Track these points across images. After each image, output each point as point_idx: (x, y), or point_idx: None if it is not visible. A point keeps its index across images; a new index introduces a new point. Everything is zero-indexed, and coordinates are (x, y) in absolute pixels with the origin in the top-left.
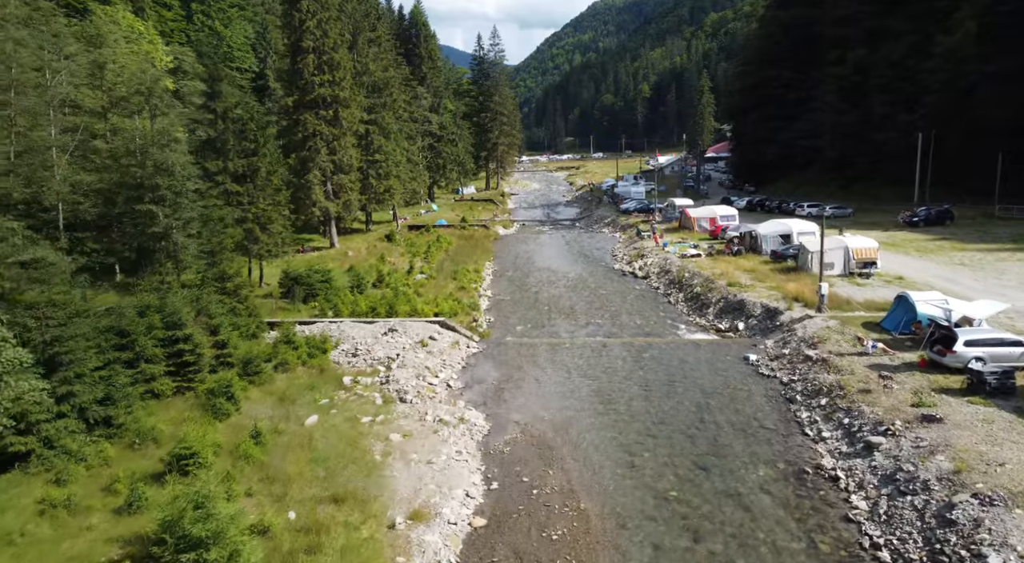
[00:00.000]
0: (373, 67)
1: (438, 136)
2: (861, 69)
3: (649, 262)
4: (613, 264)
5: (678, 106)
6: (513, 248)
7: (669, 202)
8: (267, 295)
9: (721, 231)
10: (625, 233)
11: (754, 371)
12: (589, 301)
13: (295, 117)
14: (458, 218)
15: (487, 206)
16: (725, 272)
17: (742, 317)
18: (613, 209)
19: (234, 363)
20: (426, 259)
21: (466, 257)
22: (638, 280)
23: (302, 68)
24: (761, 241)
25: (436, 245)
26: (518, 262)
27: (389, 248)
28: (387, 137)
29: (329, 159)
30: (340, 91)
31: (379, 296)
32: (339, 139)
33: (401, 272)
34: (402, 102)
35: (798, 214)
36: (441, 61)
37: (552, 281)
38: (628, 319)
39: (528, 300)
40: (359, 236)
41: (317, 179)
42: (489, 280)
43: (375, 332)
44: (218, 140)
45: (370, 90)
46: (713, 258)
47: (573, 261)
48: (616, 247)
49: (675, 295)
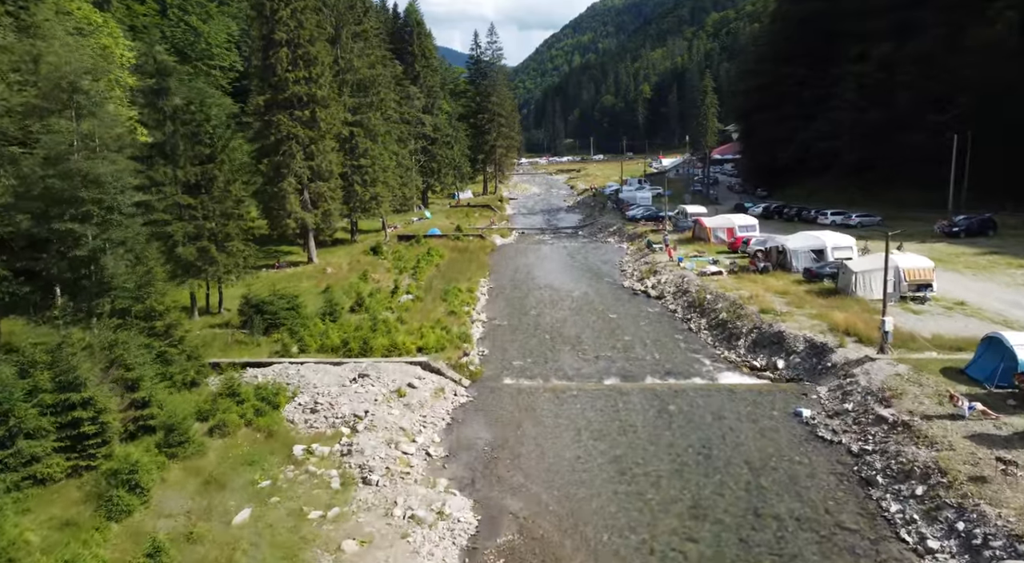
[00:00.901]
0: (358, 63)
1: (432, 138)
2: (885, 65)
3: (663, 279)
4: (622, 280)
5: (680, 107)
6: (511, 261)
7: (680, 209)
8: (225, 324)
9: (742, 244)
10: (633, 244)
11: (811, 433)
12: (598, 327)
13: (267, 118)
14: (452, 226)
15: (484, 212)
16: (755, 295)
17: (781, 353)
18: (618, 216)
19: (157, 426)
20: (414, 276)
21: (459, 273)
22: (651, 300)
23: (275, 63)
24: (791, 257)
25: (426, 259)
26: (517, 278)
27: (374, 263)
28: (374, 140)
29: (306, 165)
30: (317, 89)
31: (355, 325)
32: (317, 142)
33: (385, 292)
34: (392, 102)
35: (820, 222)
36: (437, 60)
37: (555, 301)
38: (644, 352)
39: (528, 326)
40: (343, 248)
41: (292, 187)
42: (484, 301)
43: (343, 377)
44: (167, 144)
45: (355, 89)
46: (737, 277)
47: (577, 277)
48: (624, 260)
49: (696, 321)
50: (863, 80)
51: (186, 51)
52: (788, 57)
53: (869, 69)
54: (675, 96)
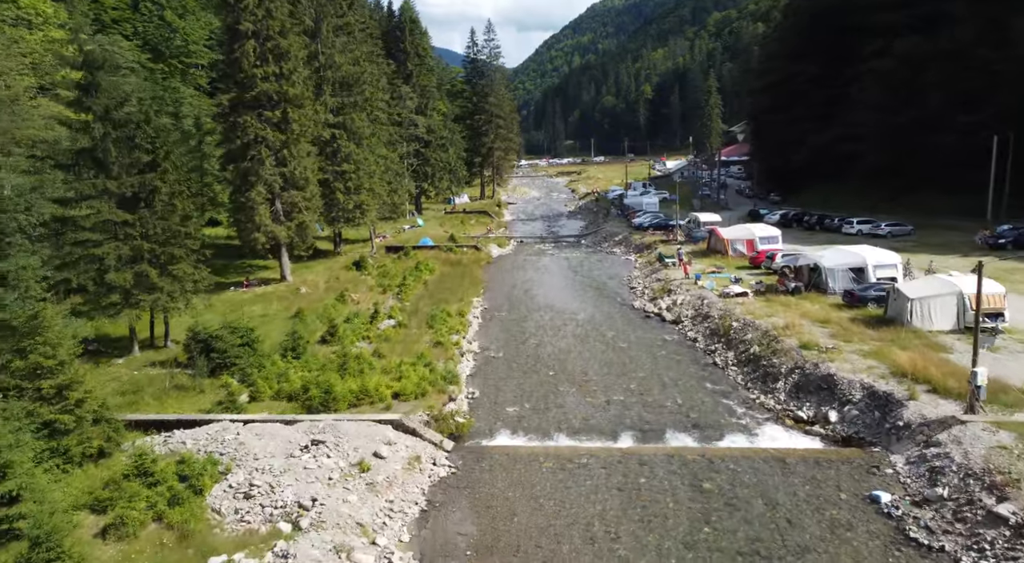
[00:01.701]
0: (340, 59)
1: (425, 141)
2: (911, 61)
3: (680, 300)
4: (632, 300)
5: (682, 108)
6: (509, 275)
7: (692, 217)
8: (169, 361)
9: (765, 258)
10: (642, 256)
11: (897, 531)
12: (607, 360)
13: (233, 119)
14: (446, 235)
15: (480, 219)
16: (790, 324)
17: (833, 403)
18: (623, 223)
19: (25, 533)
20: (399, 295)
21: (450, 291)
22: (667, 325)
23: (240, 57)
24: (826, 276)
25: (414, 275)
26: (514, 296)
27: (356, 280)
28: (358, 143)
29: (277, 171)
30: (290, 86)
31: (321, 362)
32: (290, 146)
33: (364, 316)
34: (380, 102)
35: (846, 232)
36: (434, 60)
37: (557, 327)
38: (664, 394)
39: (526, 358)
40: (323, 262)
41: (262, 197)
42: (476, 326)
43: (293, 443)
44: (97, 149)
45: (337, 87)
46: (765, 299)
47: (582, 295)
48: (633, 275)
49: (722, 354)
50: (886, 77)
51: (160, 48)
52: (800, 54)
53: (893, 65)
54: (677, 97)
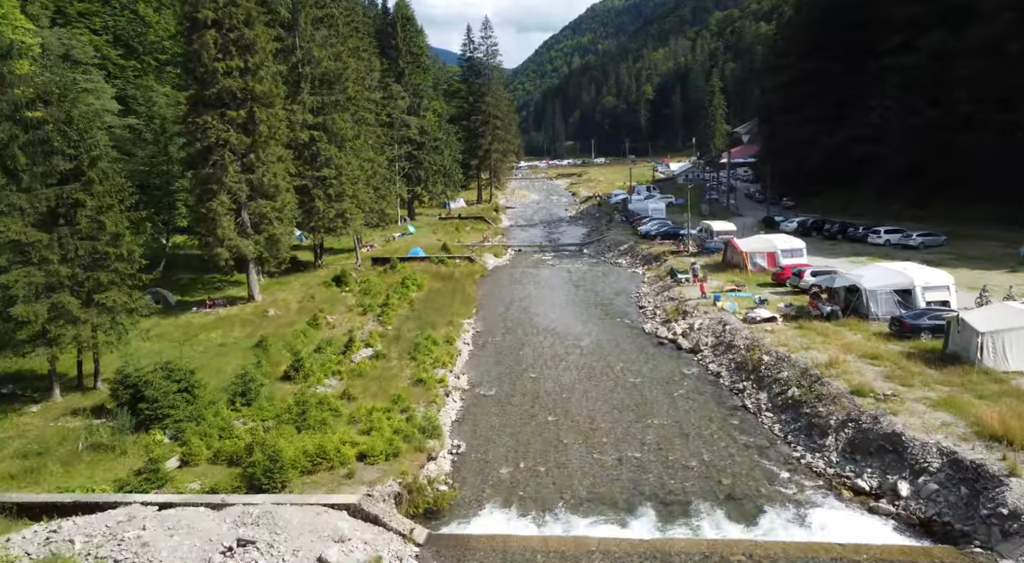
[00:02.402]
0: (320, 54)
1: (418, 143)
2: (939, 57)
3: (697, 324)
4: (642, 322)
5: (684, 108)
6: (505, 291)
7: (704, 226)
8: (94, 408)
9: (792, 276)
10: (651, 269)
11: None
12: (617, 400)
13: (192, 120)
14: (439, 244)
15: (476, 226)
16: (833, 359)
17: (903, 471)
18: (628, 231)
19: None
20: (381, 317)
21: (439, 311)
22: (683, 355)
23: (199, 50)
24: (866, 299)
25: (401, 291)
26: (510, 317)
27: (334, 298)
28: (340, 146)
29: (243, 178)
30: (256, 83)
31: (278, 411)
32: (257, 150)
33: (338, 345)
34: (367, 102)
35: (872, 242)
36: (430, 59)
37: (558, 355)
38: (687, 450)
39: (522, 398)
40: (300, 277)
41: (225, 207)
42: (466, 354)
43: (215, 543)
44: (5, 155)
45: (317, 85)
46: (798, 326)
47: (586, 315)
48: (642, 292)
49: (752, 394)
50: (910, 74)
51: (132, 44)
52: (812, 51)
53: (918, 61)
54: (679, 97)
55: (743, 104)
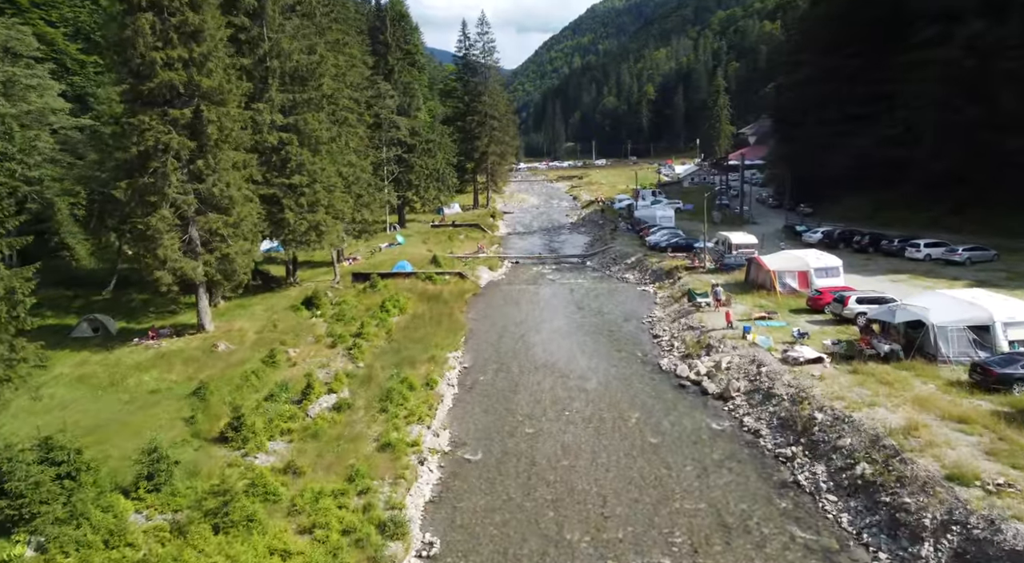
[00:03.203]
0: (289, 46)
1: (409, 145)
2: (978, 50)
3: (725, 363)
4: (658, 356)
5: (686, 109)
6: (499, 313)
7: (720, 238)
8: None
9: (833, 302)
10: (663, 287)
11: None
12: (634, 476)
13: (126, 120)
14: (428, 256)
15: (471, 234)
16: (911, 424)
17: None
18: (635, 241)
19: None
20: (353, 351)
21: (421, 341)
22: (710, 402)
23: (134, 36)
24: (934, 336)
25: (379, 316)
26: (503, 349)
27: (300, 325)
28: (314, 150)
29: (191, 188)
30: (204, 77)
31: (196, 498)
32: (208, 155)
33: (296, 390)
34: (348, 101)
35: (910, 256)
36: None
37: (559, 402)
38: (731, 557)
39: (515, 467)
40: (266, 299)
41: (167, 223)
42: (449, 400)
43: None
44: None
45: (287, 81)
46: (851, 369)
47: (592, 345)
48: (655, 316)
49: (806, 465)
50: (947, 70)
51: (95, 38)
52: (834, 45)
53: (955, 55)
54: (681, 97)
55: (747, 104)
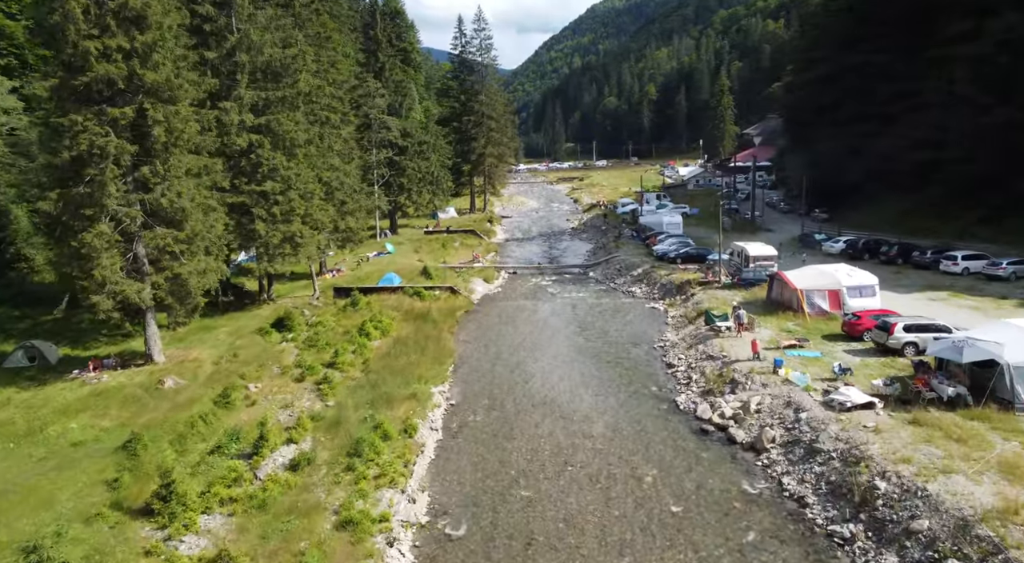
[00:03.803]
0: (261, 38)
1: (400, 147)
2: (1012, 45)
3: (754, 405)
4: (673, 391)
5: (688, 109)
6: (492, 335)
7: (736, 249)
8: None
9: (876, 329)
10: (674, 305)
11: None
12: (655, 557)
13: (55, 120)
14: (419, 266)
15: (466, 241)
16: (1009, 505)
17: None
18: (641, 249)
19: None
20: (323, 386)
21: (403, 373)
22: (739, 453)
23: (64, 22)
24: (1011, 379)
25: (358, 340)
26: (496, 381)
27: (267, 353)
28: (289, 153)
29: (135, 199)
30: (149, 71)
31: None
32: (155, 162)
33: (247, 440)
34: (331, 98)
35: (946, 269)
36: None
37: (561, 453)
38: None
39: (506, 547)
40: (234, 320)
41: (106, 239)
42: (431, 450)
43: None
44: None
45: (259, 77)
46: (911, 418)
47: (597, 376)
48: (668, 339)
49: (869, 551)
50: (979, 66)
51: None
52: (853, 41)
53: (987, 50)
54: (683, 97)
55: (750, 104)
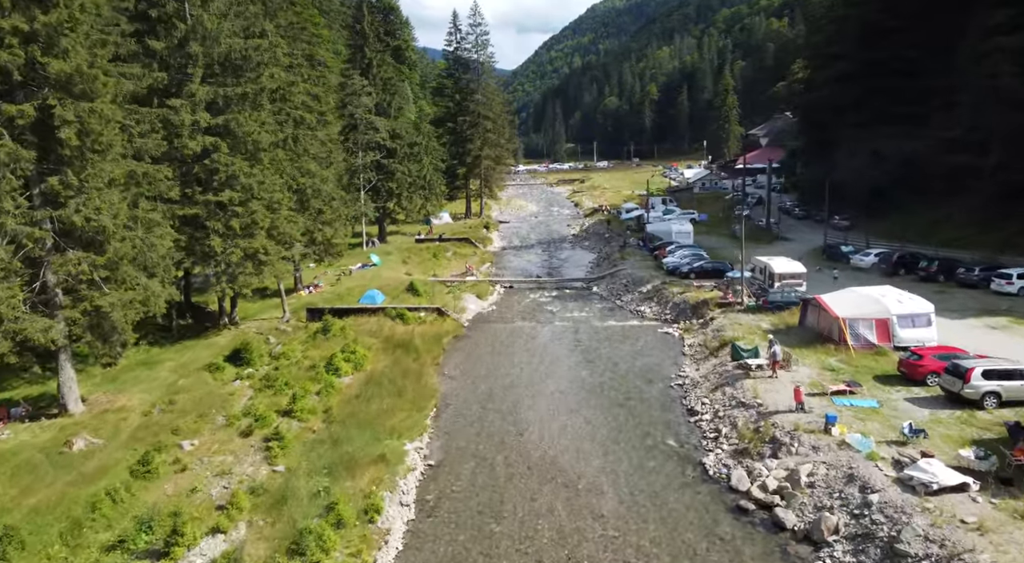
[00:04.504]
0: (217, 27)
1: (389, 149)
2: None
3: (803, 475)
4: (697, 446)
5: (690, 109)
6: (483, 371)
7: (759, 265)
8: None
9: (946, 372)
10: (691, 331)
11: None
12: None
13: None
14: (407, 280)
15: (460, 250)
16: None
17: None
18: (648, 261)
19: None
20: (272, 443)
21: (372, 424)
22: (791, 545)
23: None
24: None
25: (325, 379)
26: (485, 432)
27: (213, 397)
28: (251, 158)
29: (41, 216)
30: (55, 58)
31: None
32: (68, 170)
33: (161, 530)
34: (306, 96)
35: (998, 289)
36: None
37: (562, 539)
38: None
39: None
40: (183, 351)
41: (1, 265)
42: (400, 537)
43: None
44: None
45: (215, 71)
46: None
47: (606, 426)
48: (687, 375)
49: None
50: (1020, 61)
51: None
52: (882, 34)
53: None
54: (685, 97)
55: (754, 104)
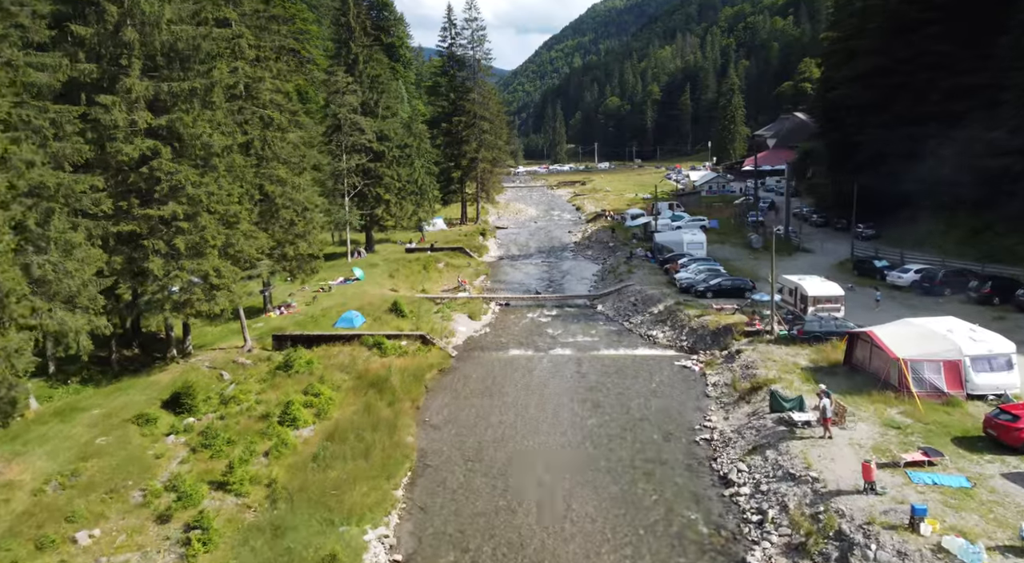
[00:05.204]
0: (158, 10)
1: (376, 152)
2: None
3: None
4: (738, 537)
5: (693, 109)
6: (470, 418)
7: (789, 286)
8: None
9: None
10: (714, 365)
11: None
12: None
13: None
14: (391, 298)
15: (453, 261)
16: None
17: None
18: (658, 275)
19: None
20: (191, 537)
21: (327, 503)
22: None
23: None
24: None
25: (279, 431)
26: (470, 510)
27: (132, 462)
28: (202, 165)
29: None
30: None
31: None
32: None
33: None
34: (276, 93)
35: None
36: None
37: None
38: None
39: None
40: (116, 392)
41: None
42: None
43: None
44: None
45: (158, 62)
46: None
47: (620, 501)
48: (714, 426)
49: None
50: None
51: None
52: (911, 27)
53: None
54: (688, 97)
55: (759, 104)
